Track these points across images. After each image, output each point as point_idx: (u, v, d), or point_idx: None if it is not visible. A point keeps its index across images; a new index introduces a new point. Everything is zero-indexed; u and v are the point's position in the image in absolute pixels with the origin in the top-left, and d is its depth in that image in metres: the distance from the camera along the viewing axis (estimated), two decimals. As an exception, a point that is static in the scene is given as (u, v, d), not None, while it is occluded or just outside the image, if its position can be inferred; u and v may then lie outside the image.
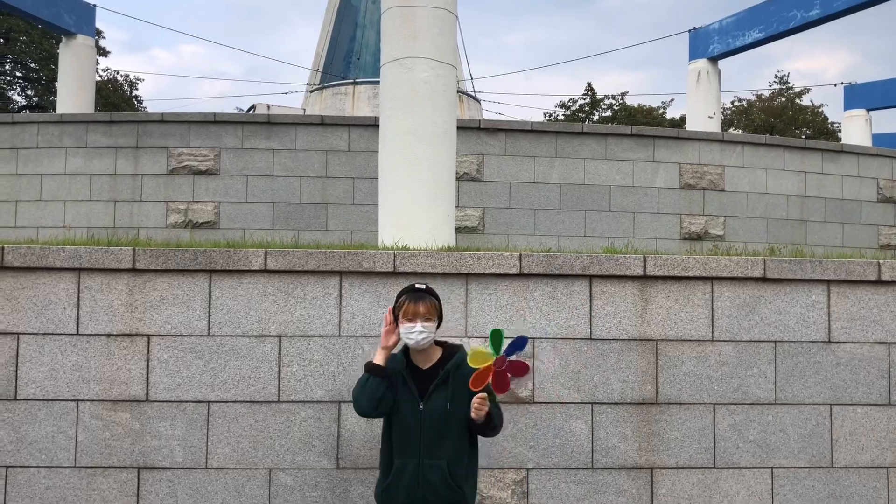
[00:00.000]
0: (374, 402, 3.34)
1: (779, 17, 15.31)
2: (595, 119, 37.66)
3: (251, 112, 14.65)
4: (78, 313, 4.20)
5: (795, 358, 4.44)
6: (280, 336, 4.25)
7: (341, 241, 8.46)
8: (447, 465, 3.33)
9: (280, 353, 4.24)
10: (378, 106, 7.56)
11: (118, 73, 35.03)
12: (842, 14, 14.46)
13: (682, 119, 28.13)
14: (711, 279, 4.42)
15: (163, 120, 10.26)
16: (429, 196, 6.13)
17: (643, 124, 30.19)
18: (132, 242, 4.72)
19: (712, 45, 16.78)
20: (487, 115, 20.77)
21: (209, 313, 4.23)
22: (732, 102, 37.83)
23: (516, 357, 3.20)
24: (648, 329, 4.39)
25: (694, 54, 17.23)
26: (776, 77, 40.94)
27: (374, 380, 3.34)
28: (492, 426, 3.35)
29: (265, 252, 4.24)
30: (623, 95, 38.59)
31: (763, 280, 4.44)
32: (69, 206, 10.16)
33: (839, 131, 27.22)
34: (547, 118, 37.17)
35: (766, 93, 37.34)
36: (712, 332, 4.42)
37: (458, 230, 8.65)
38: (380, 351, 3.41)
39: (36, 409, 4.17)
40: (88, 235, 9.07)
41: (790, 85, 37.58)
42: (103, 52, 33.54)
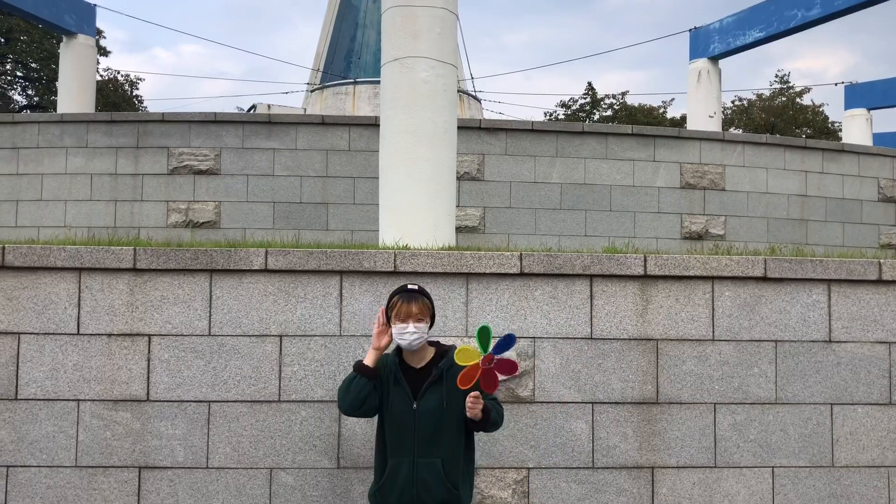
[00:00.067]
0: (358, 403, 3.36)
1: (779, 17, 15.29)
2: (595, 118, 37.65)
3: (252, 112, 14.64)
4: (79, 313, 4.20)
5: (796, 357, 4.44)
6: (281, 336, 4.25)
7: (342, 241, 8.47)
8: (442, 464, 3.32)
9: (281, 353, 4.24)
10: (378, 105, 7.56)
11: (119, 73, 35.09)
12: (842, 13, 14.43)
13: (683, 118, 28.10)
14: (712, 279, 4.42)
15: (163, 120, 10.26)
16: (429, 195, 6.13)
17: (644, 124, 30.11)
18: (133, 242, 4.72)
19: (713, 45, 16.75)
20: (488, 115, 20.76)
21: (210, 313, 4.23)
22: (733, 102, 37.84)
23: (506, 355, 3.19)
24: (649, 328, 4.39)
25: (694, 54, 17.21)
26: (777, 76, 41.01)
27: (361, 380, 3.35)
28: (490, 422, 3.35)
29: (266, 252, 4.24)
30: (623, 95, 38.60)
31: (764, 279, 4.44)
32: (70, 206, 10.16)
33: (840, 131, 27.17)
34: (547, 118, 37.17)
35: (767, 92, 37.32)
36: (713, 332, 4.42)
37: (459, 230, 8.64)
38: (371, 352, 3.42)
39: (37, 409, 4.17)
40: (89, 235, 9.08)
41: (791, 84, 37.56)
42: (104, 52, 33.54)
